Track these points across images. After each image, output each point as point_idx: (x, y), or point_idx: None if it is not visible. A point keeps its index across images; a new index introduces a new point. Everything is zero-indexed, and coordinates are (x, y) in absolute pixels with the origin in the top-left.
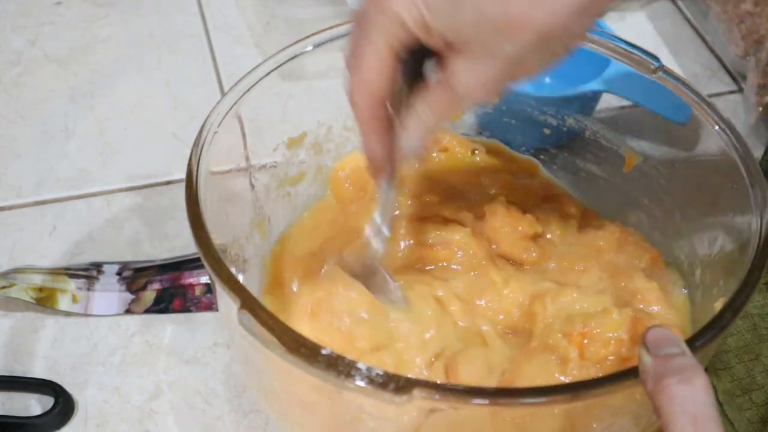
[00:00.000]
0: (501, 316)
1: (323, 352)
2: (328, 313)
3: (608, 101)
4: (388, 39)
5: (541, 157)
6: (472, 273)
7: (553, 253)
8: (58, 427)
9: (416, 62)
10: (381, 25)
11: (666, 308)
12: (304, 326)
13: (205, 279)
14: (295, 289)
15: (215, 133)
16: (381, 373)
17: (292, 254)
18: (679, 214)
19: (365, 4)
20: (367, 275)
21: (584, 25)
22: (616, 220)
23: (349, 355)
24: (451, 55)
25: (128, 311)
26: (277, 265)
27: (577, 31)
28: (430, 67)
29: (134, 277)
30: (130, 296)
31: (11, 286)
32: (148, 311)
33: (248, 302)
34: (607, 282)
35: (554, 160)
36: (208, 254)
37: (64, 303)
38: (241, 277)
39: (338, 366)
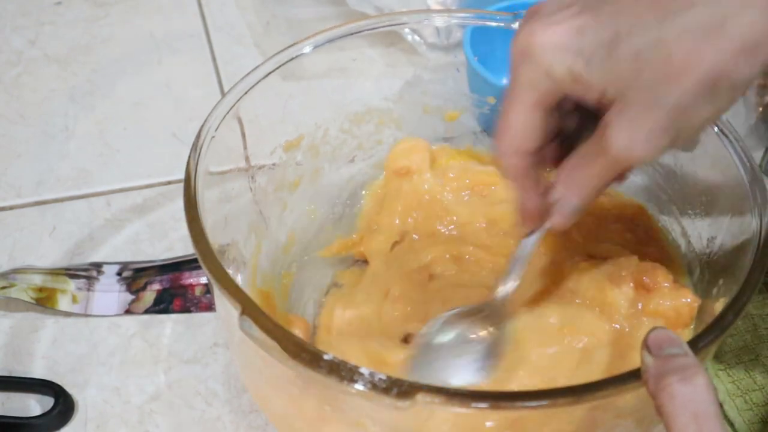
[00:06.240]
0: None
1: (325, 357)
2: None
3: None
4: (535, 93)
5: None
6: None
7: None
8: (58, 428)
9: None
10: (528, 79)
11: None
12: None
13: (205, 279)
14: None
15: (214, 134)
16: (384, 377)
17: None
18: (677, 213)
19: (514, 56)
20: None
21: (755, 66)
22: None
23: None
24: (604, 108)
25: (128, 311)
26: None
27: (746, 74)
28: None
29: (134, 277)
30: (130, 296)
31: (11, 286)
32: (148, 311)
33: (249, 307)
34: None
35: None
36: (207, 259)
37: (64, 303)
38: (239, 278)
39: (340, 371)
